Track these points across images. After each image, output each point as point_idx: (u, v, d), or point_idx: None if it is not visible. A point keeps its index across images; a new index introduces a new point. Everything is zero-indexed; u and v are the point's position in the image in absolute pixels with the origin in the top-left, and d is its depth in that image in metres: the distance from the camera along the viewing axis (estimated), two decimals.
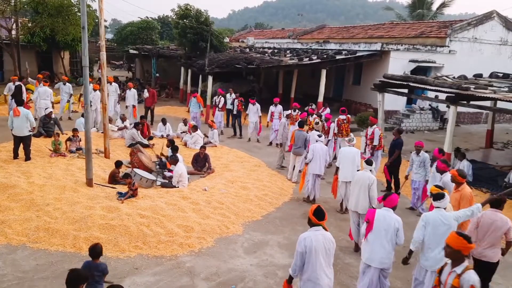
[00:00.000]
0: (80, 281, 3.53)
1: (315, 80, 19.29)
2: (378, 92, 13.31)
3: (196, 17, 21.18)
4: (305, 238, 4.21)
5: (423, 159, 8.36)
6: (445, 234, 4.68)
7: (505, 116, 20.36)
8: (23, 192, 7.28)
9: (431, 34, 19.17)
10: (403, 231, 4.92)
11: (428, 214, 4.92)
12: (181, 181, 8.75)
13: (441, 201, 4.88)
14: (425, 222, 4.84)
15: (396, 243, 4.87)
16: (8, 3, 19.39)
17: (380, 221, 4.85)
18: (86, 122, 8.29)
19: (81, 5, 7.89)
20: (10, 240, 6.07)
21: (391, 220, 4.84)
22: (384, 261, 4.86)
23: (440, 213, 4.86)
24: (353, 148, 8.26)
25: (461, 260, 3.73)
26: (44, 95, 13.73)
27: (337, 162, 8.38)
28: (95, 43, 27.61)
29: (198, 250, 6.31)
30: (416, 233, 4.87)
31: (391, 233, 4.82)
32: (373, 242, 4.88)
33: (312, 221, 4.29)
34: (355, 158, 8.02)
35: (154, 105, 15.44)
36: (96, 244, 4.43)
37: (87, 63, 7.99)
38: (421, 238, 4.82)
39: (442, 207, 4.89)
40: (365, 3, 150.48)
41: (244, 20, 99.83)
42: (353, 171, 7.82)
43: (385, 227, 4.82)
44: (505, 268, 6.53)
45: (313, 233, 4.24)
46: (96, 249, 4.37)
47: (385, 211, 4.93)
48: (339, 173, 8.13)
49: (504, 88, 10.29)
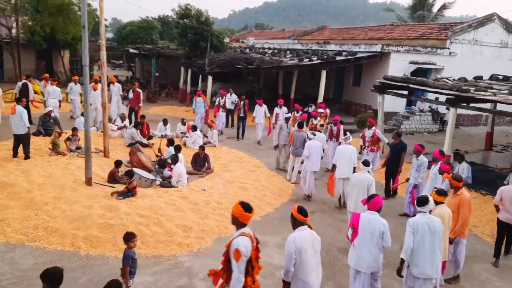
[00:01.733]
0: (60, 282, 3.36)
1: (315, 81, 19.31)
2: (378, 94, 13.32)
3: (196, 17, 21.20)
4: (295, 239, 4.16)
5: (421, 163, 8.23)
6: (432, 239, 4.69)
7: (505, 119, 20.38)
8: (22, 191, 7.27)
9: (432, 36, 19.19)
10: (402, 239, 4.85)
11: (414, 220, 4.81)
12: (180, 181, 8.75)
13: (425, 206, 4.81)
14: (413, 229, 4.74)
15: (383, 246, 4.79)
16: (9, 2, 19.37)
17: (365, 225, 4.77)
18: (86, 121, 8.29)
19: (81, 4, 7.88)
20: (9, 239, 6.07)
21: (376, 223, 4.75)
22: (373, 265, 4.79)
23: (426, 218, 4.77)
24: (350, 146, 8.48)
25: (239, 226, 3.91)
26: (53, 95, 13.79)
27: (334, 159, 8.57)
28: (95, 42, 27.60)
29: (196, 250, 6.31)
30: (406, 241, 4.77)
31: (377, 237, 4.74)
32: (359, 247, 4.80)
33: (298, 220, 4.25)
34: (351, 156, 8.25)
35: (138, 106, 14.60)
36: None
37: (87, 62, 7.98)
38: (411, 246, 4.71)
39: (426, 211, 4.82)
40: (366, 4, 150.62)
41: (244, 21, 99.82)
42: (350, 168, 8.18)
43: (370, 231, 4.74)
44: (504, 271, 6.55)
45: (301, 233, 4.21)
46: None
47: (369, 215, 4.83)
48: (336, 170, 8.32)
49: (504, 91, 10.29)
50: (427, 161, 8.38)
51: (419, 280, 4.79)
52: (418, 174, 8.25)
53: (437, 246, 4.73)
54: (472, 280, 6.20)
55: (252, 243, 3.89)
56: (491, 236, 7.80)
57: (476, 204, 9.03)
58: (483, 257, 6.93)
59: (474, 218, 8.37)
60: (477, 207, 9.04)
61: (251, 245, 3.85)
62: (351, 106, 20.12)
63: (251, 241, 3.87)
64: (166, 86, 25.36)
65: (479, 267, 6.60)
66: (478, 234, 7.91)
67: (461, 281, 6.07)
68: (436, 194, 5.32)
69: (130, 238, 4.65)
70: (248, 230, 3.93)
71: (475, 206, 8.77)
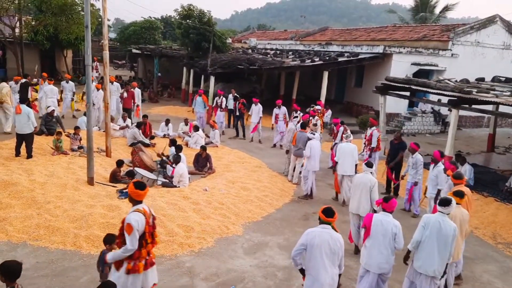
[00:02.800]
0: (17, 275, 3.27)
1: (317, 82, 19.30)
2: (380, 95, 13.31)
3: (199, 17, 21.20)
4: (309, 233, 4.31)
5: (416, 160, 8.40)
6: (440, 239, 4.70)
7: (507, 120, 20.33)
8: (24, 190, 7.29)
9: (434, 37, 19.16)
10: (403, 234, 4.90)
11: (429, 216, 4.90)
12: (181, 181, 8.77)
13: (446, 207, 4.81)
14: (425, 223, 4.83)
15: (395, 247, 4.83)
16: (12, 1, 19.45)
17: (377, 226, 4.81)
18: (88, 120, 8.31)
19: (85, 5, 7.91)
20: (11, 238, 6.09)
21: (388, 225, 4.79)
22: (383, 266, 4.82)
23: (442, 218, 4.79)
24: (351, 144, 8.71)
25: (134, 203, 4.21)
26: (50, 94, 13.77)
27: (336, 157, 8.88)
28: (98, 42, 27.67)
29: (198, 250, 6.31)
30: (416, 234, 4.88)
31: (389, 238, 4.77)
32: (371, 247, 4.85)
33: (321, 218, 4.38)
34: (353, 153, 8.54)
35: (137, 106, 14.46)
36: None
37: (90, 62, 8.01)
38: (419, 239, 4.81)
39: (445, 213, 4.83)
40: (368, 6, 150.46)
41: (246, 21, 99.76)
42: (352, 165, 8.54)
43: (382, 232, 4.78)
44: (506, 273, 6.53)
45: (319, 230, 4.31)
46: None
47: (382, 216, 4.88)
48: (338, 167, 8.62)
49: (507, 93, 10.26)
50: (422, 158, 8.53)
51: (420, 276, 4.82)
52: (416, 171, 8.42)
53: (443, 248, 4.72)
54: (473, 282, 6.19)
55: (147, 219, 4.19)
56: (492, 238, 7.80)
57: (477, 206, 9.03)
58: (485, 259, 6.92)
59: (475, 219, 8.36)
60: (479, 209, 9.03)
61: (144, 220, 4.14)
62: (353, 107, 20.11)
63: (145, 217, 4.16)
64: (168, 86, 25.39)
65: (480, 269, 6.59)
66: (480, 235, 7.89)
67: (462, 282, 6.06)
68: (453, 194, 5.32)
69: (114, 239, 4.58)
70: (143, 206, 4.25)
71: (476, 208, 8.78)
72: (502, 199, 9.57)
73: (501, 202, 9.41)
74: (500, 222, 8.39)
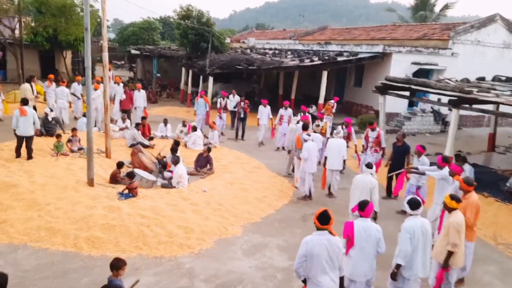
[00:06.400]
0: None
1: (316, 82, 19.28)
2: (380, 94, 13.28)
3: (197, 17, 21.22)
4: (307, 242, 4.23)
5: (422, 164, 8.16)
6: (424, 241, 4.73)
7: (507, 120, 20.30)
8: (25, 191, 7.30)
9: (434, 36, 19.14)
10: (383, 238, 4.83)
11: (410, 226, 4.75)
12: (180, 182, 8.77)
13: (418, 210, 4.81)
14: (410, 234, 4.69)
15: (377, 251, 4.77)
16: (12, 3, 19.44)
17: (361, 234, 4.68)
18: (88, 122, 8.31)
19: (84, 7, 7.91)
20: (12, 239, 6.10)
21: (371, 231, 4.69)
22: (368, 273, 4.78)
23: (419, 222, 4.78)
24: (340, 139, 9.13)
25: None
26: (61, 95, 13.76)
27: (325, 152, 9.24)
28: (97, 43, 27.65)
29: (197, 251, 6.32)
30: (403, 246, 4.70)
31: (372, 244, 4.70)
32: (355, 257, 4.73)
33: (316, 225, 4.30)
34: (341, 149, 8.95)
35: (132, 108, 14.34)
36: None
37: (89, 64, 8.02)
38: (409, 251, 4.69)
39: (418, 214, 4.84)
40: (367, 5, 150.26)
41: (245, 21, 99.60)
42: (340, 160, 9.02)
43: (366, 240, 4.68)
44: (506, 274, 6.52)
45: (317, 237, 4.24)
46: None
47: (362, 222, 4.75)
48: (327, 162, 8.98)
49: (507, 92, 10.25)
50: (429, 162, 8.36)
51: (409, 281, 4.82)
52: (421, 175, 8.15)
53: (427, 247, 4.81)
54: (474, 283, 6.18)
55: None
56: (493, 238, 7.78)
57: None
58: (485, 260, 6.90)
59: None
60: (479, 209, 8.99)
61: None
62: (353, 106, 20.10)
63: None
64: (167, 86, 25.39)
65: (481, 270, 6.57)
66: (480, 236, 7.86)
67: (463, 285, 6.05)
68: (451, 199, 5.16)
69: (121, 265, 4.10)
70: None
71: None
72: (503, 199, 9.50)
73: (502, 203, 9.33)
74: (500, 223, 8.33)
